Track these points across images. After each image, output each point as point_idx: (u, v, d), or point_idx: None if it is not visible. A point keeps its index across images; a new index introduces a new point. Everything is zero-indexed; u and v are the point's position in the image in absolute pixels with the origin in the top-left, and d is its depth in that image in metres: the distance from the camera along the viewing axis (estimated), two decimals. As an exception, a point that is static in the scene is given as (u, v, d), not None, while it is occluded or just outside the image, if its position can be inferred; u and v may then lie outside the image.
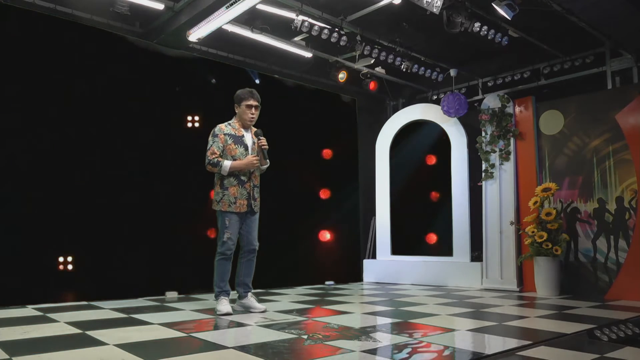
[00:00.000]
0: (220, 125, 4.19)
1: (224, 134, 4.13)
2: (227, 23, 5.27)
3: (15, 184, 4.67)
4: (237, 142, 4.15)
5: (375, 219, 7.45)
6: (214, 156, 4.05)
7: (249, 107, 4.17)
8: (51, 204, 4.83)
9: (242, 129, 4.22)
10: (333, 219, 7.23)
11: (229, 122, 4.24)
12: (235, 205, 4.07)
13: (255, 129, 4.25)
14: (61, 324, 3.54)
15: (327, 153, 7.39)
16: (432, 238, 7.44)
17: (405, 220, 7.28)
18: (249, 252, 4.24)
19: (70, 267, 4.85)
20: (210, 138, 4.14)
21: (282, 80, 6.94)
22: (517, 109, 6.34)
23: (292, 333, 3.27)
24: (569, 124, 5.94)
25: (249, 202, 4.13)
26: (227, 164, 4.01)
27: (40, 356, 2.62)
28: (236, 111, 4.24)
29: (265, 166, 4.29)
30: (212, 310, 4.19)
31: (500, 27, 5.72)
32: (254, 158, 4.08)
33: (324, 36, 5.58)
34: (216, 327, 3.53)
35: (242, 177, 4.12)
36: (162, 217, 5.46)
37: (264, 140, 4.16)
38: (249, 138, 4.22)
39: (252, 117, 4.20)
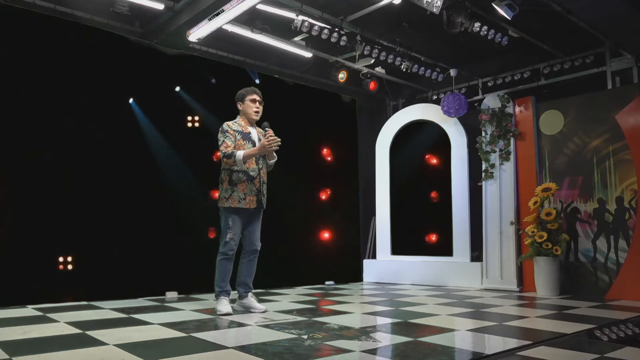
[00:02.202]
0: (227, 122, 4.19)
1: (233, 130, 4.14)
2: (227, 23, 5.27)
3: (15, 183, 4.67)
4: (245, 139, 4.16)
5: (375, 219, 7.45)
6: (228, 149, 4.03)
7: (253, 101, 4.21)
8: (51, 203, 4.83)
9: (248, 127, 4.23)
10: (333, 219, 7.23)
11: (234, 120, 4.25)
12: (245, 201, 4.06)
13: (262, 123, 4.24)
14: (61, 324, 3.54)
15: (327, 153, 7.40)
16: (432, 238, 7.44)
17: (405, 220, 7.28)
18: (250, 252, 4.24)
19: (70, 267, 4.85)
20: (220, 135, 4.12)
21: (282, 80, 6.94)
22: (517, 109, 6.34)
23: (292, 333, 3.27)
24: (569, 124, 5.93)
25: (259, 198, 4.13)
26: (240, 152, 3.99)
27: (40, 356, 2.62)
28: (240, 109, 4.26)
29: (273, 161, 4.27)
30: (212, 310, 4.19)
31: (500, 27, 5.72)
32: (265, 141, 4.02)
33: (324, 36, 5.59)
34: (216, 327, 3.53)
35: (251, 173, 4.11)
36: (162, 217, 5.46)
37: (270, 131, 4.13)
38: (255, 134, 4.24)
39: (257, 111, 4.21)
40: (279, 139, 4.06)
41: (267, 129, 4.14)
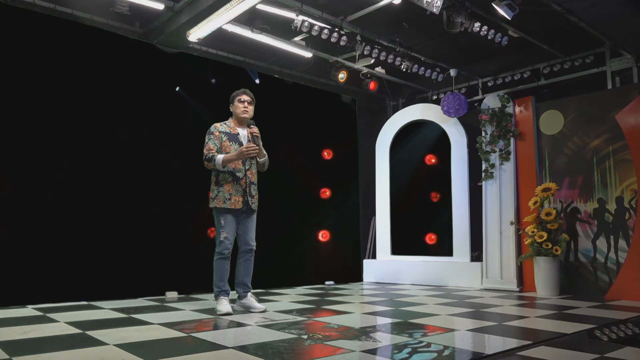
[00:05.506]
0: (215, 124, 4.25)
1: (219, 132, 4.18)
2: (227, 23, 5.27)
3: (15, 184, 4.67)
4: (231, 140, 4.18)
5: (375, 219, 7.45)
6: (210, 152, 4.09)
7: (241, 101, 4.25)
8: (51, 203, 4.83)
9: (238, 127, 4.26)
10: (333, 219, 7.22)
11: (225, 121, 4.29)
12: (230, 201, 4.07)
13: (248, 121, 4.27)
14: (61, 324, 3.54)
15: (327, 153, 7.40)
16: (432, 238, 7.43)
17: (405, 220, 7.28)
18: (246, 252, 4.25)
19: (70, 267, 4.84)
20: (206, 136, 4.19)
21: (282, 80, 6.94)
22: (517, 109, 6.34)
23: (292, 333, 3.27)
24: (569, 124, 5.93)
25: (245, 199, 4.14)
26: (219, 157, 4.04)
27: (40, 356, 2.62)
28: (231, 110, 4.32)
29: (263, 159, 4.27)
30: (212, 310, 4.19)
31: (500, 27, 5.72)
32: (244, 147, 4.05)
33: (324, 36, 5.59)
34: (216, 327, 3.53)
35: (237, 174, 4.12)
36: (162, 217, 5.45)
37: (255, 129, 4.16)
38: (244, 135, 4.25)
39: (245, 110, 4.24)
40: (255, 145, 4.08)
41: (252, 126, 4.16)
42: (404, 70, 6.61)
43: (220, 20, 5.10)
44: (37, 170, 4.79)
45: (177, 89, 5.85)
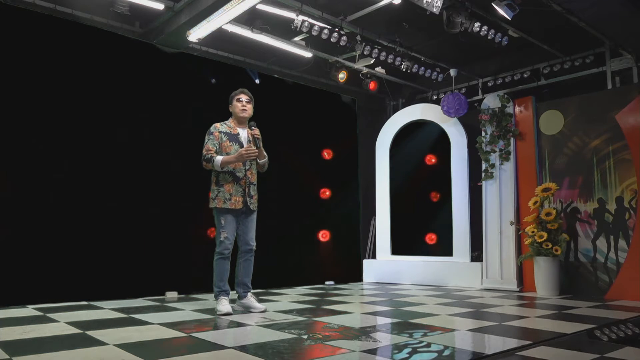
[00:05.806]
0: (215, 124, 4.25)
1: (219, 132, 4.19)
2: (227, 23, 5.28)
3: (15, 184, 4.67)
4: (231, 140, 4.19)
5: (375, 219, 7.46)
6: (209, 153, 4.10)
7: (240, 100, 4.26)
8: (51, 203, 4.82)
9: (238, 127, 4.26)
10: (333, 219, 7.23)
11: (225, 121, 4.29)
12: (230, 202, 4.08)
13: (249, 122, 4.28)
14: (61, 324, 3.54)
15: (327, 153, 7.40)
16: (432, 238, 7.44)
17: (405, 220, 7.28)
18: (246, 252, 4.25)
19: (70, 267, 4.84)
20: (205, 136, 4.20)
21: (282, 80, 6.94)
22: (517, 109, 6.34)
23: (292, 333, 3.27)
24: (569, 124, 5.93)
25: (245, 199, 4.14)
26: (218, 158, 4.06)
27: (40, 356, 2.62)
28: (230, 110, 4.34)
29: (263, 160, 4.28)
30: (212, 310, 4.19)
31: (500, 27, 5.72)
32: (244, 150, 4.06)
33: (324, 36, 5.59)
34: (216, 327, 3.53)
35: (237, 174, 4.13)
36: (162, 217, 5.45)
37: (256, 130, 4.17)
38: (244, 135, 4.25)
39: (243, 108, 4.25)
40: (255, 148, 4.10)
41: (252, 127, 4.17)
42: (404, 70, 6.61)
43: (220, 20, 5.10)
44: (37, 170, 4.78)
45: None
